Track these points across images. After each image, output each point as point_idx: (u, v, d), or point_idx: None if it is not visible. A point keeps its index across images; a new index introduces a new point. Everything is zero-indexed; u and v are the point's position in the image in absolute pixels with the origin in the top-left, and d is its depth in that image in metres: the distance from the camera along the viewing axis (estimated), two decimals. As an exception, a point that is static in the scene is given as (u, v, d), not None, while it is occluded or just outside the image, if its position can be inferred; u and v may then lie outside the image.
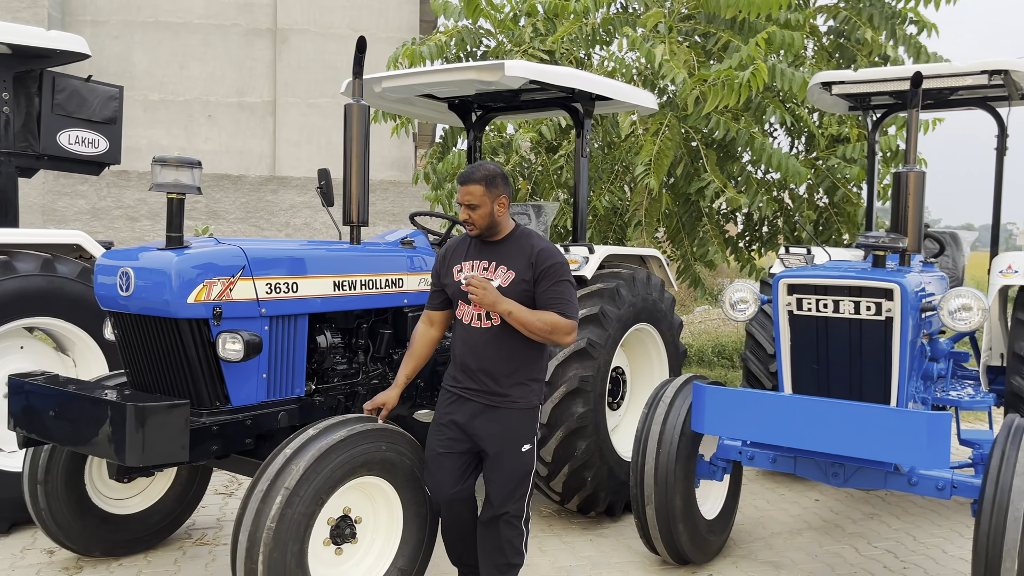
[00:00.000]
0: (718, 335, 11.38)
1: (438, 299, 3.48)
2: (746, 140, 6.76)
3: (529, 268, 3.25)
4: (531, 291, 3.24)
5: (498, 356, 3.27)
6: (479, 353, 3.28)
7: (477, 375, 3.29)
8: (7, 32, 4.65)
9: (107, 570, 4.11)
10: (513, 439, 3.30)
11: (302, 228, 18.57)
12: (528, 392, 3.33)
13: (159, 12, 18.67)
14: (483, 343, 3.28)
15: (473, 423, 3.30)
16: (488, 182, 3.25)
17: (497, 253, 3.31)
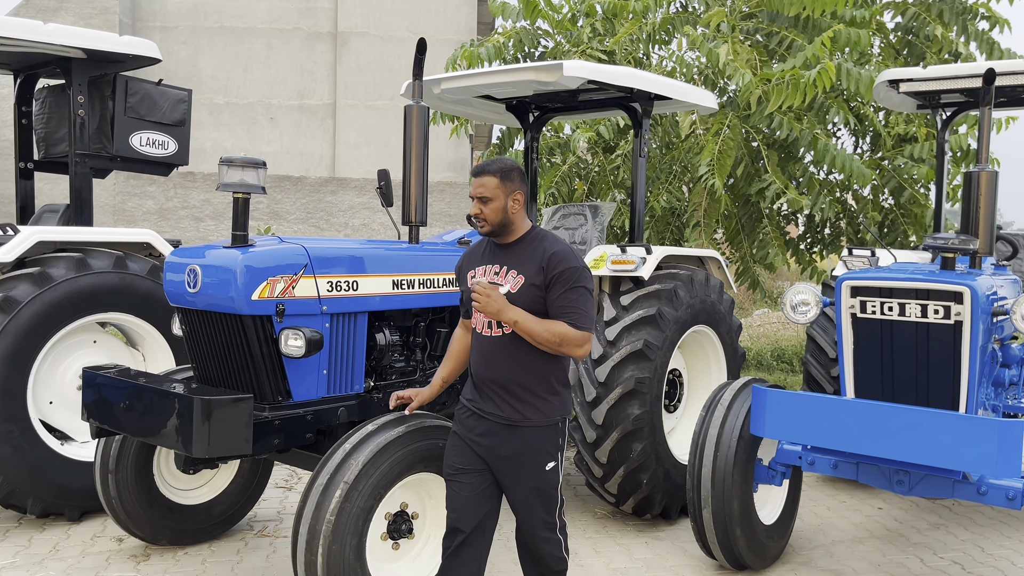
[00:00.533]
0: (777, 338, 11.18)
1: (466, 306, 3.21)
2: (809, 140, 6.63)
3: (540, 272, 2.95)
4: (543, 297, 2.94)
5: (510, 366, 2.98)
6: (491, 363, 3.01)
7: (491, 388, 3.01)
8: (83, 38, 4.84)
9: (173, 559, 4.24)
10: (534, 460, 2.99)
11: (360, 229, 18.86)
12: (548, 407, 3.01)
13: (225, 17, 19.17)
14: (494, 352, 3.00)
15: (489, 443, 3.01)
16: (503, 175, 3.02)
17: (508, 256, 3.05)
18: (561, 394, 3.07)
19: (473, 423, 3.06)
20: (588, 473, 4.74)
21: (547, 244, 3.02)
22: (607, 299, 4.82)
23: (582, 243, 5.67)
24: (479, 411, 3.05)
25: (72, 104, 4.97)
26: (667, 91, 5.07)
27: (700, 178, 6.50)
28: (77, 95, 4.97)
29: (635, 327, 4.62)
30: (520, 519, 3.07)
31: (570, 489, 5.61)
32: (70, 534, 4.52)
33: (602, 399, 4.58)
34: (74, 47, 4.79)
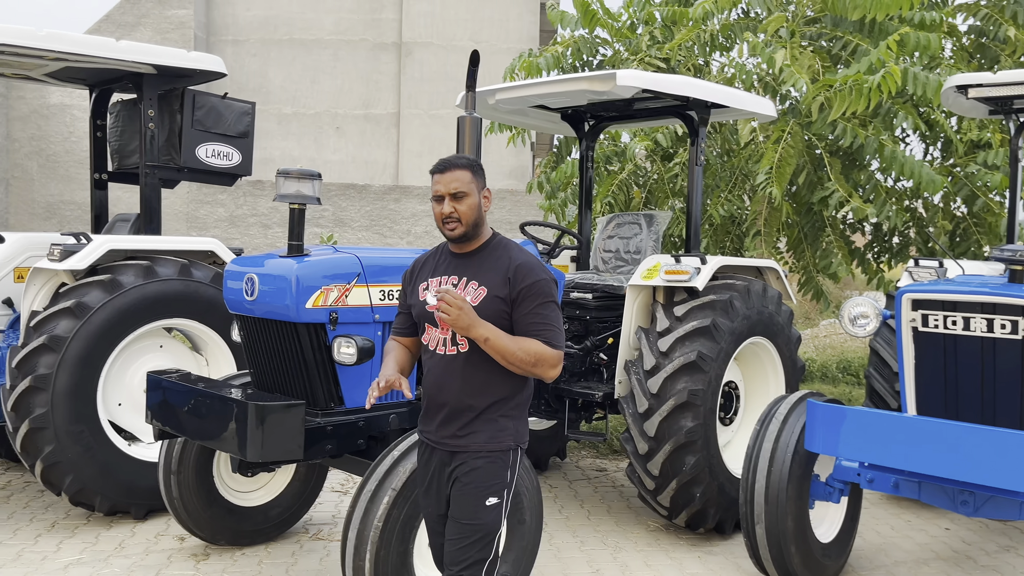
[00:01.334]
0: (843, 350, 10.88)
1: (404, 323, 2.87)
2: (875, 148, 6.44)
3: (505, 284, 2.65)
4: (507, 312, 2.64)
5: (466, 390, 2.66)
6: (444, 386, 2.69)
7: (442, 413, 2.70)
8: (153, 54, 5.03)
9: (231, 559, 4.36)
10: (476, 491, 2.65)
11: (422, 236, 19.08)
12: (499, 432, 2.68)
13: (294, 30, 19.67)
14: (450, 373, 2.68)
15: (442, 474, 2.73)
16: (474, 168, 2.72)
17: (468, 266, 2.73)
18: (516, 418, 2.75)
19: (428, 457, 2.78)
20: (640, 485, 4.69)
21: (513, 253, 2.74)
22: (660, 309, 4.77)
23: (637, 252, 5.63)
24: (432, 442, 2.75)
25: (143, 117, 5.17)
26: (723, 99, 5.01)
27: (759, 186, 6.39)
28: (148, 109, 5.17)
29: (689, 338, 4.56)
30: (446, 559, 2.70)
31: (623, 500, 5.57)
32: (135, 532, 4.69)
33: (654, 411, 4.53)
34: (145, 63, 4.97)
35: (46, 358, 4.45)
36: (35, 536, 4.61)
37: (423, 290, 2.76)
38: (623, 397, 4.74)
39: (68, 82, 5.60)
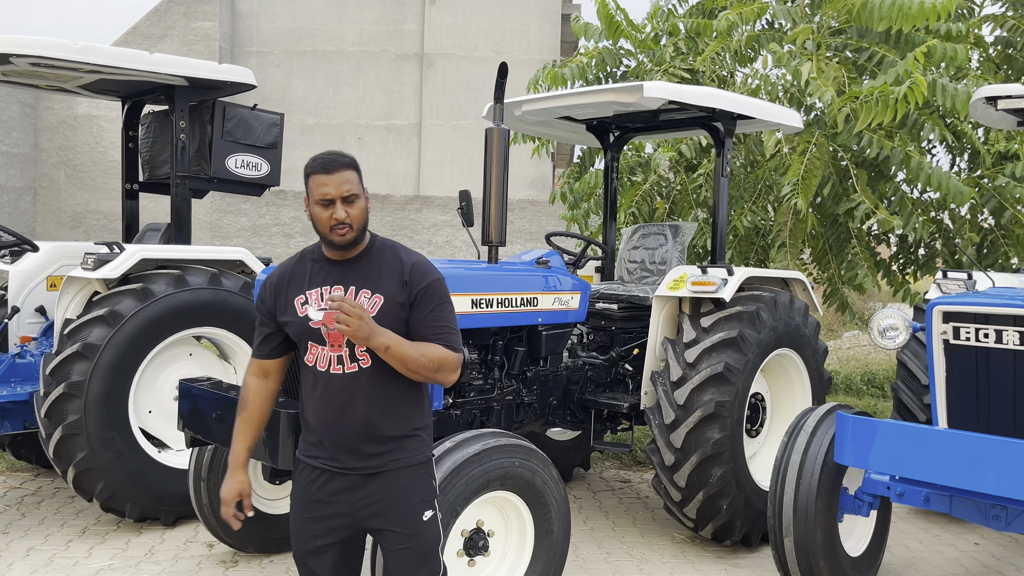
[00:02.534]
0: (868, 362, 10.78)
1: (272, 343, 2.62)
2: (901, 159, 6.41)
3: (403, 289, 2.49)
4: (405, 318, 2.49)
5: (373, 408, 2.50)
6: (347, 407, 2.49)
7: (346, 438, 2.50)
8: (185, 66, 5.11)
9: (259, 566, 4.39)
10: (409, 508, 2.55)
11: (443, 246, 19.15)
12: (418, 443, 2.58)
13: (317, 41, 19.87)
14: (349, 393, 2.49)
15: (352, 499, 2.53)
16: (358, 168, 2.52)
17: (353, 273, 2.52)
18: (429, 427, 2.66)
19: (324, 482, 2.54)
20: (666, 496, 4.68)
21: (402, 254, 2.58)
22: (686, 320, 4.77)
23: (662, 263, 5.63)
24: (331, 468, 2.53)
25: (174, 129, 5.25)
26: (749, 111, 5.01)
27: (785, 198, 6.37)
28: (179, 120, 5.25)
29: (716, 349, 4.56)
30: None
31: (648, 511, 5.55)
32: (164, 538, 4.73)
33: (681, 422, 4.52)
34: (178, 75, 5.05)
35: (80, 365, 4.52)
36: (66, 542, 4.67)
37: (301, 304, 2.51)
38: (649, 408, 4.74)
39: (101, 94, 5.69)
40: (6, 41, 4.54)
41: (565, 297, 4.68)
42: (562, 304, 4.67)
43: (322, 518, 2.57)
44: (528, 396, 4.65)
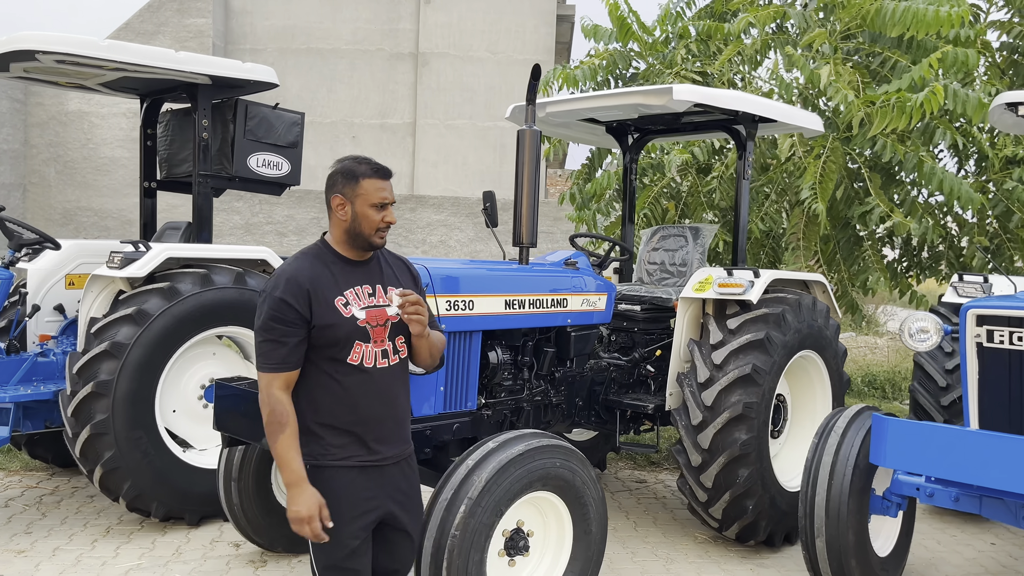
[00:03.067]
0: (866, 363, 10.88)
1: (301, 351, 2.55)
2: (913, 163, 6.49)
3: (413, 284, 2.80)
4: None
5: (404, 395, 2.72)
6: (389, 400, 2.65)
7: (388, 429, 2.65)
8: (210, 65, 5.09)
9: (288, 565, 4.38)
10: (418, 490, 2.83)
11: (438, 246, 19.14)
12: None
13: (311, 39, 19.80)
14: (390, 385, 2.64)
15: (388, 487, 2.66)
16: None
17: (371, 273, 2.69)
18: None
19: (364, 479, 2.61)
20: (692, 497, 4.71)
21: (395, 255, 2.85)
22: (712, 322, 4.80)
23: (682, 265, 5.67)
24: (370, 463, 2.62)
25: (197, 127, 5.22)
26: (774, 114, 5.06)
27: (802, 202, 6.43)
28: (202, 119, 5.22)
29: (743, 351, 4.59)
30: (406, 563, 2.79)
31: (667, 512, 5.59)
32: (190, 538, 4.71)
33: (708, 423, 4.55)
34: (201, 73, 5.03)
35: (107, 364, 4.49)
36: (91, 541, 4.64)
37: (343, 306, 2.58)
38: (676, 409, 4.77)
39: (121, 92, 5.65)
40: (33, 38, 4.51)
41: (593, 298, 4.71)
42: (590, 305, 4.70)
43: (363, 514, 2.62)
44: (556, 397, 4.67)
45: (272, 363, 2.53)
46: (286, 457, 2.54)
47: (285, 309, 2.52)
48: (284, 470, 2.55)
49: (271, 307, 2.53)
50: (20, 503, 5.27)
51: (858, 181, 7.00)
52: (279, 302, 2.52)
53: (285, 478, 2.56)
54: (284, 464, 2.54)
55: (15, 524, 4.89)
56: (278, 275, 2.59)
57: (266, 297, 2.56)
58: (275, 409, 2.54)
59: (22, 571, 4.21)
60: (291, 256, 2.72)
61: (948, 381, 5.30)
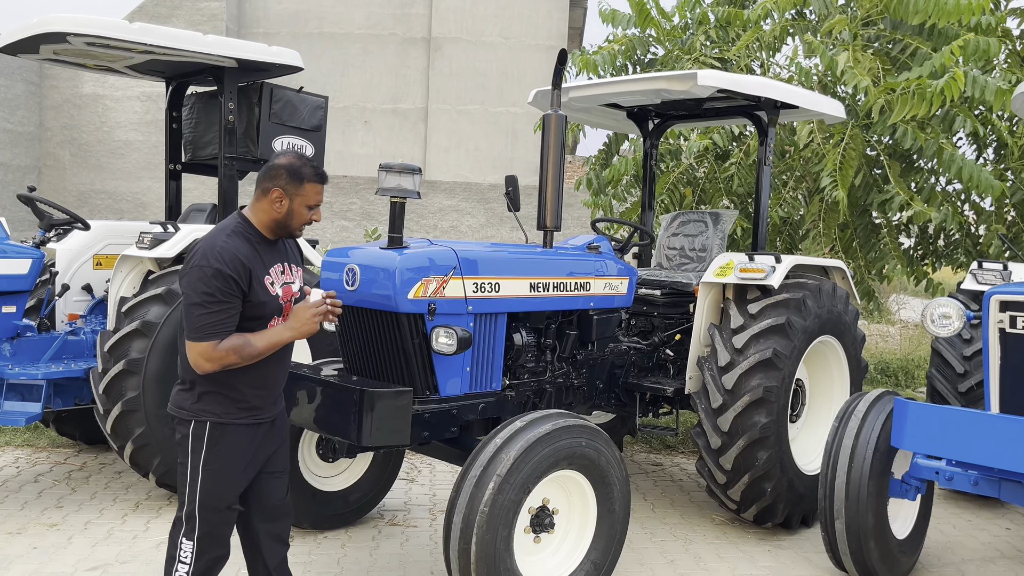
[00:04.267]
0: (879, 352, 10.90)
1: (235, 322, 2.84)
2: (933, 151, 6.49)
3: (301, 259, 3.22)
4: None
5: (289, 361, 3.16)
6: (285, 366, 3.09)
7: (279, 391, 3.09)
8: (235, 48, 5.13)
9: (315, 541, 4.47)
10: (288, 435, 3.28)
11: (449, 231, 19.19)
12: None
13: (324, 23, 19.79)
14: (288, 354, 3.09)
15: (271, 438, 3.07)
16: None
17: (281, 252, 3.05)
18: None
19: (262, 433, 3.00)
20: (710, 479, 4.78)
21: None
22: (733, 307, 4.85)
23: (702, 250, 5.71)
24: (265, 420, 3.00)
25: (223, 110, 5.27)
26: (797, 100, 5.08)
27: (821, 189, 6.44)
28: (228, 102, 5.26)
29: (764, 335, 4.64)
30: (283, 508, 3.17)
31: (684, 494, 5.66)
32: (217, 514, 4.80)
33: (728, 406, 4.61)
34: (228, 56, 5.07)
35: (138, 343, 4.57)
36: (122, 516, 4.73)
37: (270, 284, 2.93)
38: (695, 392, 4.82)
39: (147, 74, 5.69)
40: (64, 20, 4.56)
41: (615, 282, 4.76)
42: (612, 289, 4.75)
43: (252, 463, 3.00)
44: (577, 379, 4.73)
45: (216, 332, 2.77)
46: (268, 340, 2.87)
47: (232, 284, 2.77)
48: (277, 339, 2.89)
49: (218, 280, 2.75)
50: (50, 478, 5.38)
51: (877, 168, 7.00)
52: (226, 277, 2.76)
53: (285, 337, 2.90)
54: (273, 341, 2.88)
55: (46, 499, 5.00)
56: (220, 250, 2.79)
57: (213, 271, 2.74)
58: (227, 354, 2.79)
59: (55, 544, 4.31)
60: (215, 230, 2.93)
61: (966, 368, 5.34)
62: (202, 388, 2.90)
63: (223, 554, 3.01)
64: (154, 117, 18.56)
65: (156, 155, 18.51)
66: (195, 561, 2.92)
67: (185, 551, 2.92)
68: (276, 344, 2.89)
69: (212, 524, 2.93)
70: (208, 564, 2.97)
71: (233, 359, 2.80)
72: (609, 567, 3.78)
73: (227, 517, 2.98)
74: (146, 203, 18.76)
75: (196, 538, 2.91)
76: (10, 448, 6.02)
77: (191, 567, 2.92)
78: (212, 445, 2.89)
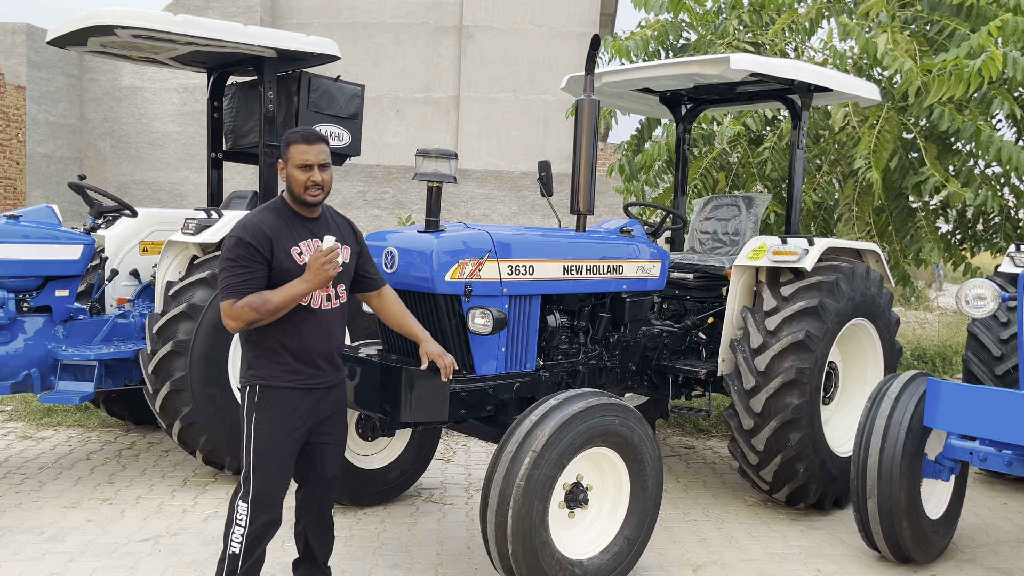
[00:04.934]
0: (915, 337, 10.81)
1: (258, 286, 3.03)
2: (971, 132, 6.43)
3: (356, 241, 3.34)
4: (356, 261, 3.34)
5: (341, 333, 3.28)
6: (328, 335, 3.19)
7: (327, 359, 3.19)
8: (276, 38, 5.25)
9: (355, 517, 4.61)
10: (345, 409, 3.41)
11: (480, 219, 19.29)
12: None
13: (356, 13, 19.95)
14: (330, 323, 3.19)
15: (320, 407, 3.21)
16: (328, 144, 3.18)
17: (322, 229, 3.19)
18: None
19: (302, 398, 3.13)
20: (743, 460, 4.82)
21: (341, 215, 3.37)
22: (765, 289, 4.88)
23: (735, 234, 5.73)
24: (308, 385, 3.14)
25: (263, 99, 5.40)
26: (831, 83, 5.07)
27: (855, 172, 6.42)
28: (268, 91, 5.40)
29: (796, 318, 4.67)
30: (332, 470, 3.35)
31: (717, 476, 5.71)
32: (261, 491, 4.96)
33: (761, 388, 4.65)
34: (268, 47, 5.20)
35: (185, 324, 4.73)
36: (171, 491, 4.92)
37: (297, 255, 3.09)
38: (728, 374, 4.87)
39: (190, 65, 5.85)
40: (113, 13, 4.71)
41: (647, 265, 4.81)
42: (644, 272, 4.80)
43: (298, 427, 3.15)
44: (610, 361, 4.80)
45: (235, 292, 3.00)
46: (284, 294, 3.02)
47: (251, 250, 3.01)
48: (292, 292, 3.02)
49: (240, 248, 3.02)
50: (101, 456, 5.59)
51: (913, 151, 6.95)
52: (246, 244, 3.01)
53: (300, 289, 3.03)
54: (288, 294, 3.02)
55: (98, 475, 5.20)
56: (246, 222, 3.08)
57: (235, 239, 3.02)
58: (244, 310, 2.99)
59: (109, 517, 4.50)
60: (256, 208, 3.21)
61: (1003, 351, 5.32)
62: (251, 354, 3.14)
63: (275, 518, 3.17)
64: (191, 108, 18.88)
65: (193, 146, 18.85)
66: (249, 523, 3.09)
67: (241, 513, 3.11)
68: (292, 296, 3.02)
69: (264, 484, 3.10)
70: (262, 528, 3.13)
71: (251, 315, 2.99)
72: (642, 543, 3.86)
73: (278, 479, 3.13)
74: (184, 193, 19.11)
75: (250, 500, 3.09)
76: (63, 428, 6.25)
77: (246, 529, 3.10)
78: (261, 407, 3.11)
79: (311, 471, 3.33)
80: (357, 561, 4.04)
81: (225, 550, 3.15)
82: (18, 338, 4.89)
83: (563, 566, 3.53)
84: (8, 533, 4.23)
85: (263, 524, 3.13)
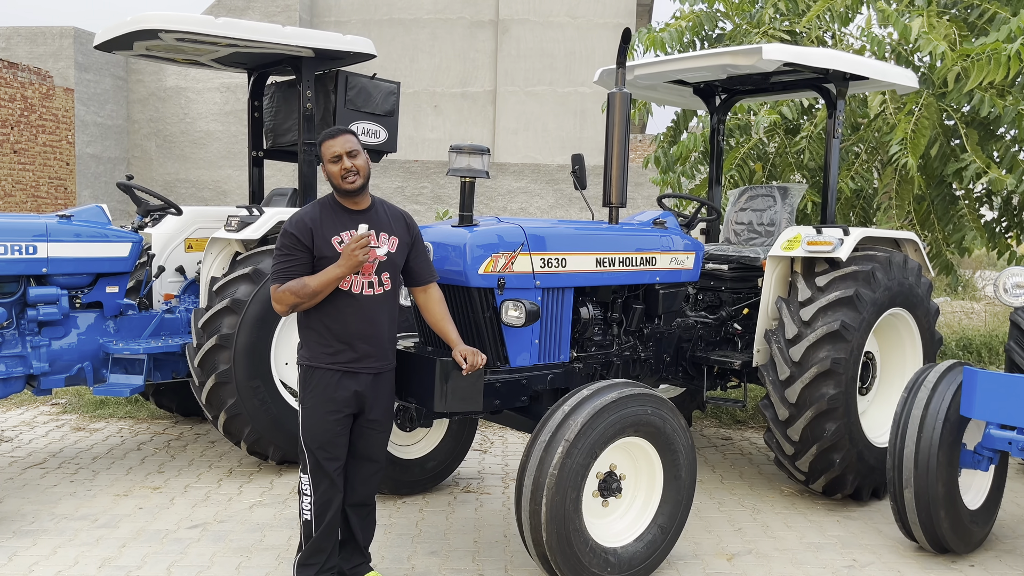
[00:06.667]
0: (961, 328, 10.60)
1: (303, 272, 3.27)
2: (1013, 118, 6.30)
3: (407, 232, 3.47)
4: (407, 254, 3.47)
5: (387, 320, 3.39)
6: (372, 321, 3.33)
7: (370, 344, 3.33)
8: (311, 38, 5.36)
9: (394, 506, 4.72)
10: (392, 393, 3.54)
11: (518, 213, 19.33)
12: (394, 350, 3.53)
13: (393, 10, 20.11)
14: (373, 310, 3.34)
15: (367, 393, 3.37)
16: (356, 135, 3.35)
17: (370, 221, 3.34)
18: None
19: (347, 381, 3.31)
20: (778, 450, 4.83)
21: (395, 207, 3.51)
22: (801, 279, 4.86)
23: (771, 224, 5.72)
24: (352, 368, 3.31)
25: (301, 98, 5.52)
26: (866, 71, 5.03)
27: (892, 158, 6.34)
28: (306, 90, 5.52)
29: (831, 308, 4.65)
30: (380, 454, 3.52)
31: (753, 467, 5.71)
32: (303, 480, 5.10)
33: (796, 378, 4.64)
34: (306, 47, 5.32)
35: (228, 319, 4.88)
36: (217, 480, 5.09)
37: (338, 244, 3.28)
38: (763, 365, 4.87)
39: (231, 67, 6.00)
40: (157, 18, 4.87)
41: (681, 257, 4.83)
42: (678, 264, 4.82)
43: (341, 408, 3.33)
44: (644, 352, 4.84)
45: (279, 278, 3.27)
46: (321, 279, 3.22)
47: (294, 240, 3.27)
48: (328, 276, 3.21)
49: (284, 238, 3.29)
50: (151, 447, 5.79)
51: (955, 138, 6.83)
52: (289, 235, 3.28)
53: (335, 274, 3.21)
54: (325, 279, 3.22)
55: (148, 465, 5.40)
56: (294, 215, 3.36)
57: (282, 231, 3.30)
58: (286, 293, 3.23)
59: (158, 504, 4.67)
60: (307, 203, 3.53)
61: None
62: (303, 336, 3.39)
63: (335, 491, 3.38)
64: (232, 108, 19.24)
65: (235, 144, 19.21)
66: (313, 492, 3.36)
67: (305, 484, 3.39)
68: (327, 280, 3.22)
69: (316, 460, 3.34)
70: (325, 498, 3.36)
71: (292, 299, 3.23)
72: (676, 532, 3.90)
73: (327, 455, 3.34)
74: (227, 191, 19.50)
75: (308, 471, 3.36)
76: (113, 420, 6.48)
77: (311, 498, 3.37)
78: (307, 386, 3.36)
79: (357, 454, 3.48)
80: (396, 548, 4.15)
81: (300, 518, 3.42)
82: (71, 333, 5.09)
83: (597, 553, 3.58)
84: (64, 520, 4.42)
85: (324, 492, 3.36)
